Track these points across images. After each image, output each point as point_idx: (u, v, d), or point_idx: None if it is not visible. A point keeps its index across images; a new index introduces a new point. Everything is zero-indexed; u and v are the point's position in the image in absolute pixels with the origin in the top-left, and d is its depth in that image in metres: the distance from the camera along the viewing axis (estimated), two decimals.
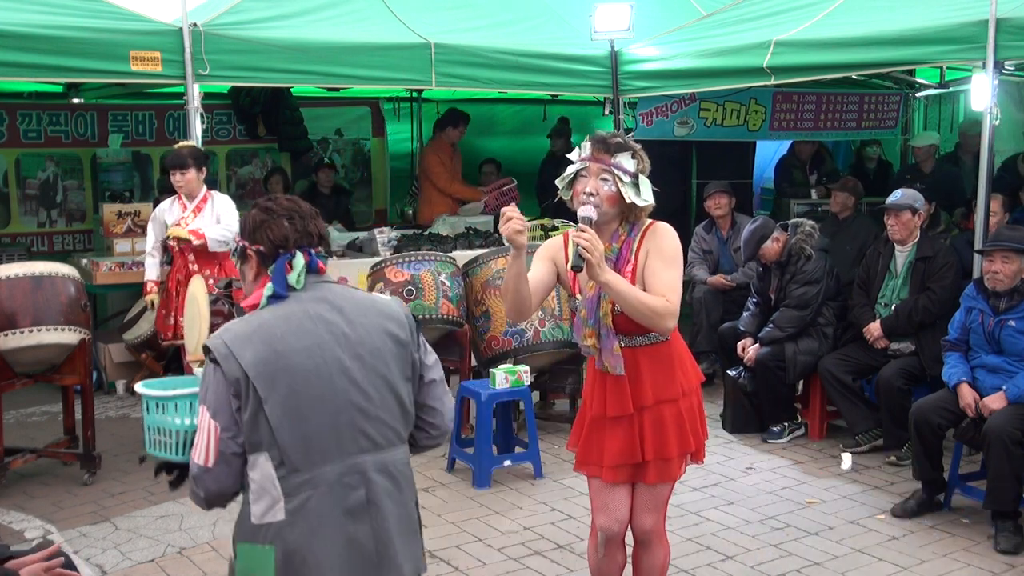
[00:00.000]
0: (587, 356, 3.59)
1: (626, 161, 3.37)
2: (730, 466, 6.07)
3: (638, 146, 3.44)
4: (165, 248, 6.58)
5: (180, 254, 6.36)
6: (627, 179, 3.37)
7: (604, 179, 3.36)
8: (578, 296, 3.53)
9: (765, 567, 4.64)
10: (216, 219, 6.33)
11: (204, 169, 6.41)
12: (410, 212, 10.05)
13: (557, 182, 3.48)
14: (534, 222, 8.85)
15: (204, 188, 6.39)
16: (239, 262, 2.74)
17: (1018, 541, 4.79)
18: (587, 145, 3.41)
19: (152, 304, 6.53)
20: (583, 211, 3.34)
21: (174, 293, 6.38)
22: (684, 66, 7.48)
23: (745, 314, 6.77)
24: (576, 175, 3.42)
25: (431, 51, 7.11)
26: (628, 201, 3.37)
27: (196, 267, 6.28)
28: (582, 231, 3.22)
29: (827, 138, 10.09)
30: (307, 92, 10.14)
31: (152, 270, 6.53)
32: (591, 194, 3.36)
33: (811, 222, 6.62)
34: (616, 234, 3.44)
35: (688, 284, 7.98)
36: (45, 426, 6.79)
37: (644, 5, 7.78)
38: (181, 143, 6.47)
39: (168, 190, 8.85)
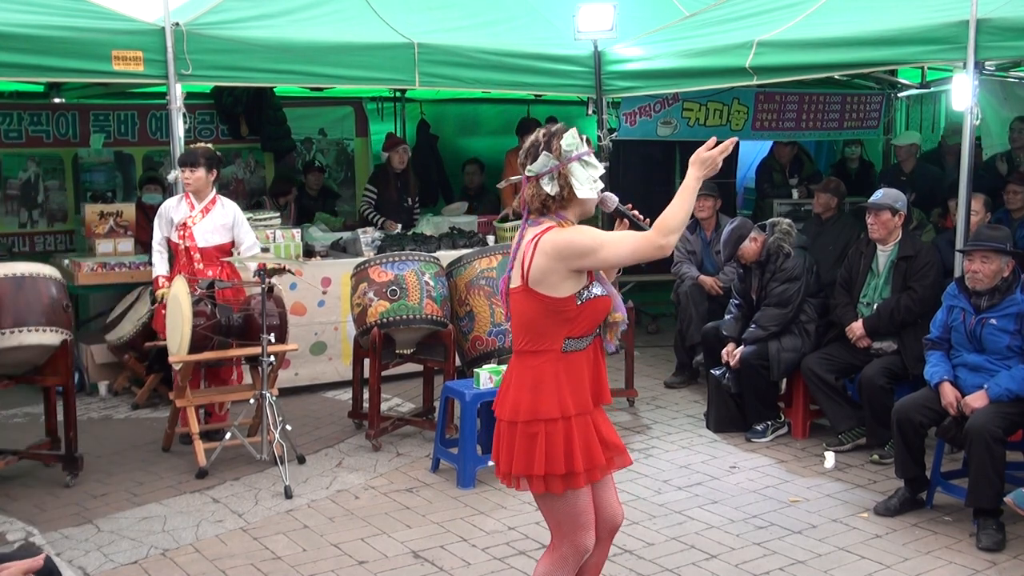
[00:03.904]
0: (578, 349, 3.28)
1: None
2: (714, 465, 6.08)
3: None
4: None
5: (185, 253, 6.31)
6: None
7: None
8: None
9: (749, 566, 4.66)
10: (225, 226, 6.34)
11: (215, 171, 6.39)
12: (380, 220, 9.22)
13: (593, 184, 3.30)
14: (516, 221, 8.85)
15: (213, 191, 6.37)
16: None
17: (999, 539, 4.82)
18: (583, 136, 3.31)
19: (163, 297, 6.41)
20: (612, 198, 3.39)
21: None
22: (667, 66, 7.51)
23: (727, 317, 6.79)
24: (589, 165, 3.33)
25: (415, 51, 7.12)
26: None
27: (201, 266, 6.27)
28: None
29: (809, 138, 10.14)
30: (290, 92, 10.10)
31: (161, 265, 6.44)
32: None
33: (788, 220, 6.65)
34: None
35: (675, 281, 8.01)
36: (27, 427, 6.74)
37: (627, 5, 7.80)
38: (197, 144, 6.46)
39: (149, 181, 8.88)
